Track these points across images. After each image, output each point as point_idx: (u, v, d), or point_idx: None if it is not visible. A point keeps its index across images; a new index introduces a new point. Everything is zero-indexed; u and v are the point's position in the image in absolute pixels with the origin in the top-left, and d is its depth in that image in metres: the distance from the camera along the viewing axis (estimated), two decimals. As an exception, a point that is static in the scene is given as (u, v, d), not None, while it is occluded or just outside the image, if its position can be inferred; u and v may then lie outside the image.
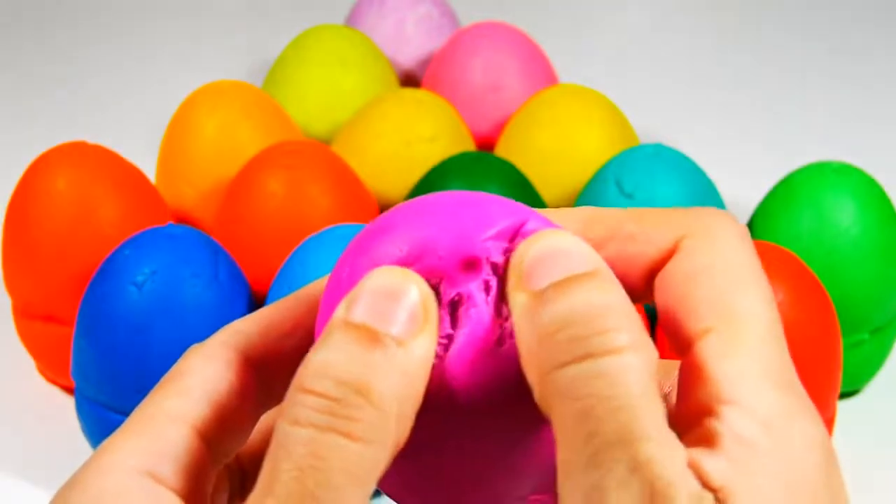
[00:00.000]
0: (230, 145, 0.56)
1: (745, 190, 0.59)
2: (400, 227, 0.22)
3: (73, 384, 0.46)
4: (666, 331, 0.22)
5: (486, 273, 0.21)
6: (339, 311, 0.20)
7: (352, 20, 0.74)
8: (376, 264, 0.21)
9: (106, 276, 0.44)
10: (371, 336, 0.20)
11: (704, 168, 0.53)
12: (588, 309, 0.20)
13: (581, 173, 0.56)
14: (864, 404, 0.52)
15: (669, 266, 0.22)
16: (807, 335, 0.43)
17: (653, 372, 0.19)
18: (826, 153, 0.59)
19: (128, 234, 0.46)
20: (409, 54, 0.72)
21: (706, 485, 0.19)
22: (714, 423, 0.20)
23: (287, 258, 0.46)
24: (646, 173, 0.51)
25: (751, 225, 0.52)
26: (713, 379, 0.20)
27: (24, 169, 0.50)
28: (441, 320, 0.21)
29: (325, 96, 0.65)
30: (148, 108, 0.74)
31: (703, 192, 0.52)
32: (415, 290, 0.20)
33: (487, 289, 0.21)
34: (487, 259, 0.21)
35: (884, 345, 0.51)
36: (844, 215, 0.48)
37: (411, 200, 0.23)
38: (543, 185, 0.55)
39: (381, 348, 0.20)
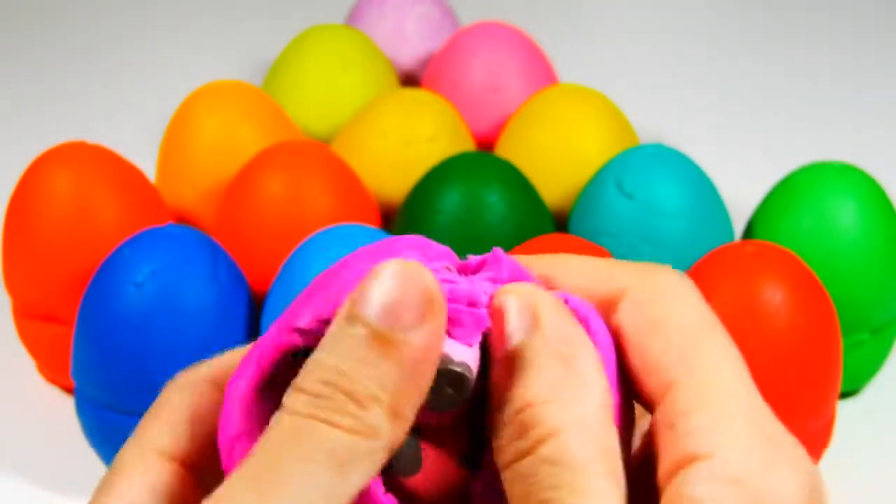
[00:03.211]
0: (230, 145, 0.56)
1: (745, 190, 0.59)
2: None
3: (73, 384, 0.46)
4: (633, 384, 0.22)
5: None
6: (341, 310, 0.20)
7: (352, 20, 0.74)
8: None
9: (106, 275, 0.44)
10: (366, 332, 0.20)
11: (704, 168, 0.53)
12: (525, 401, 0.20)
13: (581, 173, 0.56)
14: (864, 404, 0.52)
15: (621, 320, 0.22)
16: (807, 335, 0.43)
17: (593, 440, 0.19)
18: (826, 153, 0.59)
19: (128, 234, 0.46)
20: (409, 54, 0.72)
21: None
22: (679, 486, 0.19)
23: (287, 258, 0.46)
24: (646, 173, 0.51)
25: (751, 225, 0.52)
26: (681, 437, 0.20)
27: (24, 169, 0.50)
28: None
29: (325, 96, 0.65)
30: (148, 108, 0.74)
31: (703, 192, 0.52)
32: (410, 280, 0.20)
33: None
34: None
35: (884, 345, 0.51)
36: (845, 215, 0.48)
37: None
38: (543, 185, 0.55)
39: (375, 344, 0.20)
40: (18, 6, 0.92)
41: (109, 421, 0.44)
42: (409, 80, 0.72)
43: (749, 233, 0.52)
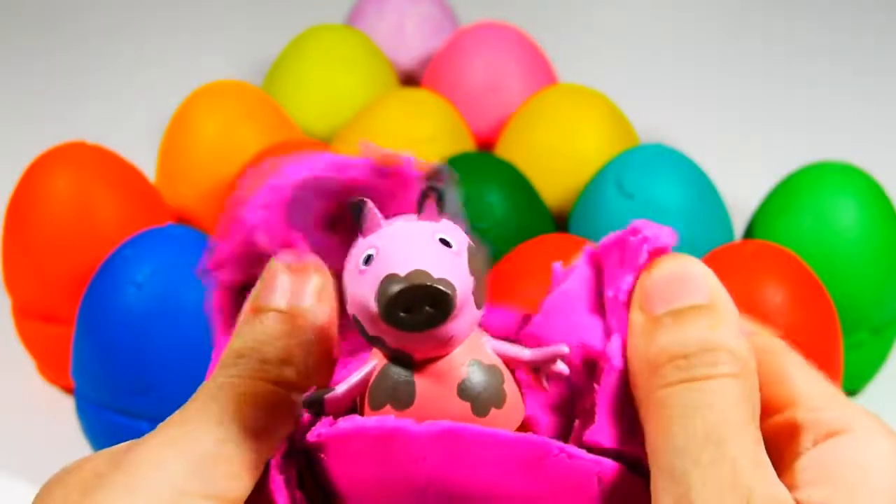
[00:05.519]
0: (230, 145, 0.56)
1: (745, 190, 0.59)
2: None
3: (73, 384, 0.46)
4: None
5: None
6: (246, 305, 0.24)
7: (352, 20, 0.74)
8: None
9: (106, 275, 0.44)
10: (273, 314, 0.23)
11: (704, 168, 0.53)
12: (697, 343, 0.21)
13: (581, 173, 0.56)
14: (864, 404, 0.51)
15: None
16: (807, 335, 0.43)
17: (748, 397, 0.21)
18: (826, 153, 0.59)
19: (128, 234, 0.46)
20: (409, 54, 0.72)
21: None
22: (831, 449, 0.22)
23: (287, 258, 0.46)
24: (646, 173, 0.51)
25: (751, 225, 0.52)
26: (821, 421, 0.23)
27: (24, 169, 0.50)
28: None
29: (325, 96, 0.65)
30: (148, 108, 0.74)
31: (704, 193, 0.52)
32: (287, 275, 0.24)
33: None
34: None
35: (884, 345, 0.51)
36: (845, 215, 0.48)
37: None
38: (543, 185, 0.55)
39: (282, 321, 0.23)
40: (19, 6, 0.92)
41: (109, 421, 0.44)
42: (409, 80, 0.72)
43: (749, 233, 0.52)
